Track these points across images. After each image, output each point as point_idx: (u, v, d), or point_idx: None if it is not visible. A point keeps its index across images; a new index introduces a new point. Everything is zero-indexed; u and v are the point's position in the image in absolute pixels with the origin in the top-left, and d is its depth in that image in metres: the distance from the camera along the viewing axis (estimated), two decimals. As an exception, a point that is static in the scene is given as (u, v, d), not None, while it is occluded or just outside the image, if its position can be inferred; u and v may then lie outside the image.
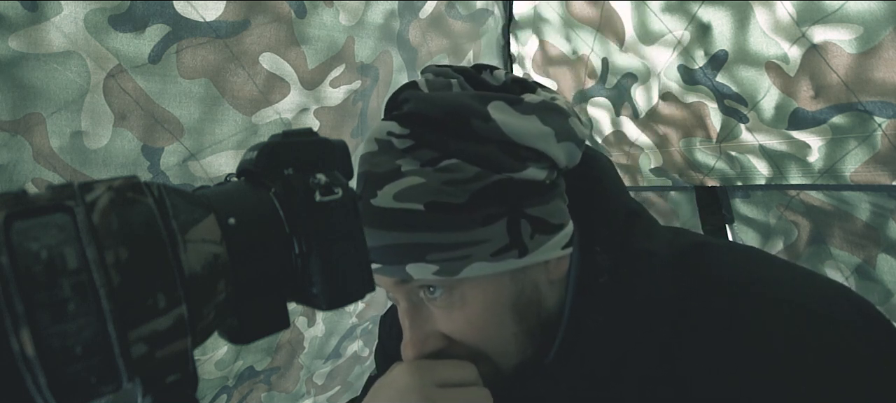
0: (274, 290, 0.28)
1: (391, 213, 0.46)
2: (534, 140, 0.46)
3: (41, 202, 0.20)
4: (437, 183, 0.45)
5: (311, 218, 0.28)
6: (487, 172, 0.45)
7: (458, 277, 0.46)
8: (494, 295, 0.48)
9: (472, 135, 0.46)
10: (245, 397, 1.11)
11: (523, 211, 0.46)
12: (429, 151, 0.46)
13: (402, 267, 0.46)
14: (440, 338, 0.50)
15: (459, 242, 0.45)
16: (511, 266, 0.46)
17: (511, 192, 0.46)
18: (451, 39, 1.15)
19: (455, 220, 0.45)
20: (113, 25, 0.74)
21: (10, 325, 0.18)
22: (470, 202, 0.45)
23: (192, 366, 0.23)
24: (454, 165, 0.45)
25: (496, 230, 0.45)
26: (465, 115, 0.46)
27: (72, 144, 0.75)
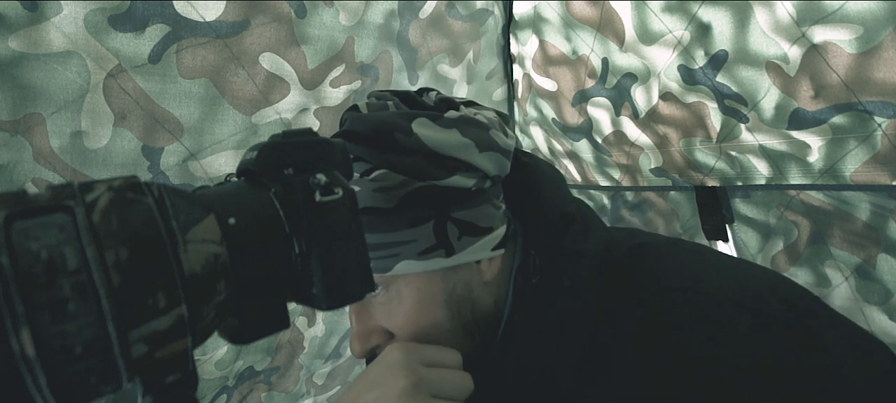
0: (274, 290, 0.28)
1: None
2: (455, 151, 0.52)
3: (41, 202, 0.20)
4: (369, 190, 0.50)
5: (311, 218, 0.28)
6: (411, 180, 0.50)
7: (390, 274, 0.51)
8: (426, 292, 0.53)
9: (396, 148, 0.51)
10: (245, 397, 1.11)
11: (450, 215, 0.51)
12: (362, 164, 0.51)
13: None
14: (382, 334, 0.55)
15: (389, 242, 0.50)
16: (439, 264, 0.51)
17: (436, 198, 0.51)
18: (451, 39, 1.15)
19: (384, 223, 0.50)
20: (113, 25, 0.74)
21: (10, 325, 0.18)
22: (398, 206, 0.50)
23: (192, 366, 0.23)
24: (382, 174, 0.50)
25: (423, 232, 0.50)
26: (390, 130, 0.51)
27: (72, 144, 0.75)
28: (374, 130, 0.52)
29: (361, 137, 0.52)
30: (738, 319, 0.44)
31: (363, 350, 0.55)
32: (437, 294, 0.53)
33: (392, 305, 0.53)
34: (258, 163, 0.30)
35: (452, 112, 0.55)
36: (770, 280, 0.49)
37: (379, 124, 0.52)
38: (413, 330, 0.53)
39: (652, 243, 0.57)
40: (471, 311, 0.55)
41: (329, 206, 0.29)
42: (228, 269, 0.25)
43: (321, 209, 0.29)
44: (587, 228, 0.57)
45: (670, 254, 0.54)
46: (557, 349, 0.51)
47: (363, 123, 0.52)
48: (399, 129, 0.51)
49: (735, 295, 0.46)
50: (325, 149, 0.32)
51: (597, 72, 1.09)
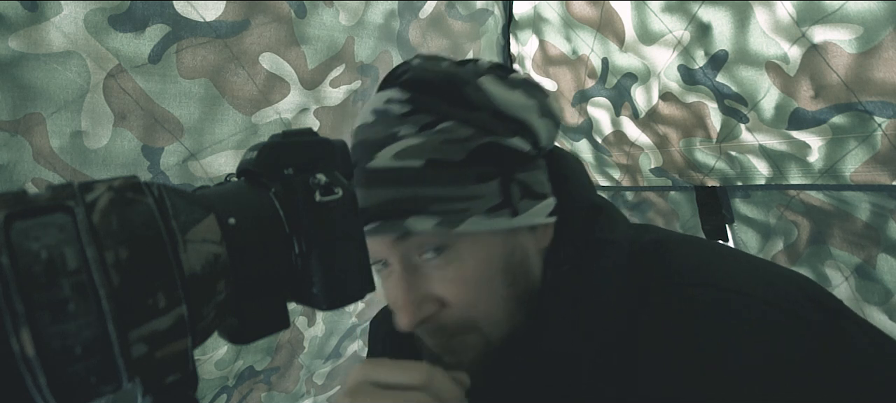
0: (274, 290, 0.28)
1: (390, 171, 0.48)
2: (519, 111, 0.51)
3: (41, 202, 0.20)
4: (436, 142, 0.48)
5: (311, 218, 0.28)
6: (481, 134, 0.49)
7: (457, 230, 0.47)
8: (487, 254, 0.50)
9: (465, 102, 0.50)
10: (245, 397, 1.11)
11: (513, 175, 0.50)
12: (425, 116, 0.49)
13: (402, 221, 0.47)
14: (434, 302, 0.51)
15: (458, 196, 0.48)
16: (504, 224, 0.49)
17: (502, 155, 0.49)
18: (451, 39, 1.15)
19: (453, 176, 0.48)
20: (113, 25, 0.74)
21: (10, 325, 0.18)
22: (467, 159, 0.48)
23: (192, 366, 0.23)
24: (450, 127, 0.49)
25: (490, 188, 0.48)
26: (459, 83, 0.50)
27: (72, 144, 0.75)
28: (445, 81, 0.50)
29: (431, 87, 0.50)
30: (771, 318, 0.43)
31: (414, 321, 0.50)
32: (498, 257, 0.51)
33: (449, 268, 0.50)
34: (258, 163, 0.30)
35: (516, 73, 0.54)
36: (796, 280, 0.48)
37: (449, 76, 0.50)
38: (471, 298, 0.50)
39: (671, 238, 0.56)
40: (525, 280, 0.53)
41: (329, 206, 0.29)
42: (228, 269, 0.25)
43: (321, 209, 0.29)
44: (613, 220, 0.56)
45: (693, 250, 0.53)
46: (587, 337, 0.49)
47: (432, 73, 0.51)
48: (468, 83, 0.50)
49: (765, 294, 0.45)
50: (325, 149, 0.32)
51: (597, 72, 1.09)
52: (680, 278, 0.49)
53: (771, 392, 0.40)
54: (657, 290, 0.49)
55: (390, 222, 0.48)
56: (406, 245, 0.49)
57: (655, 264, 0.51)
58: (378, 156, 0.49)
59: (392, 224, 0.48)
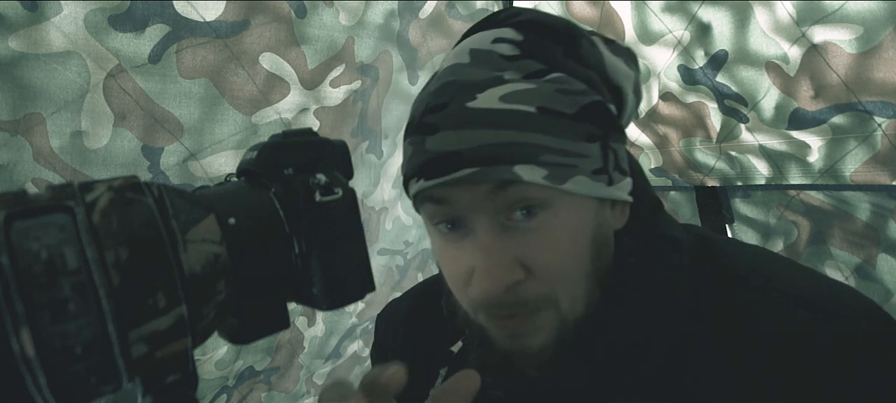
0: (274, 290, 0.28)
1: (498, 113, 0.43)
2: (621, 78, 0.48)
3: (41, 202, 0.20)
4: (549, 90, 0.44)
5: (311, 218, 0.28)
6: (591, 91, 0.46)
7: (563, 186, 0.43)
8: (582, 221, 0.46)
9: (578, 56, 0.47)
10: (245, 397, 1.11)
11: (609, 142, 0.46)
12: (535, 63, 0.45)
13: (510, 167, 0.42)
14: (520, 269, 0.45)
15: (569, 150, 0.43)
16: (602, 191, 0.46)
17: (605, 119, 0.46)
18: (451, 39, 1.15)
19: (566, 128, 0.44)
20: (113, 25, 0.74)
21: (10, 325, 0.18)
22: (578, 114, 0.44)
23: (192, 366, 0.23)
24: (563, 78, 0.45)
25: (594, 150, 0.45)
26: (576, 35, 0.47)
27: (72, 144, 0.75)
28: (564, 30, 0.47)
29: (550, 32, 0.47)
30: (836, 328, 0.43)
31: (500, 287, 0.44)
32: (589, 227, 0.46)
33: (542, 232, 0.45)
34: (258, 163, 0.30)
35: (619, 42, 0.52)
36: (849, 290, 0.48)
37: (568, 25, 0.48)
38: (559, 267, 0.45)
39: (716, 236, 0.55)
40: (606, 258, 0.49)
41: (329, 206, 0.29)
42: (228, 269, 0.25)
43: (321, 209, 0.29)
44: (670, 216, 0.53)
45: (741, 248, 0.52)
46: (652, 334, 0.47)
47: (552, 19, 0.48)
48: (584, 37, 0.47)
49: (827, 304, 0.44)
50: (325, 149, 0.32)
51: (597, 72, 1.10)
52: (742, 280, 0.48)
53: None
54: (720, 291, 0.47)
55: (493, 168, 0.42)
56: (501, 198, 0.44)
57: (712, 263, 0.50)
58: (480, 96, 0.43)
59: (496, 170, 0.42)
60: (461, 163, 0.43)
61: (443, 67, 0.49)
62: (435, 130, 0.44)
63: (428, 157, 0.44)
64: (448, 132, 0.43)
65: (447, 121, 0.44)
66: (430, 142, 0.44)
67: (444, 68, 0.48)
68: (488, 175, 0.42)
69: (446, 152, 0.43)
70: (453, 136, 0.43)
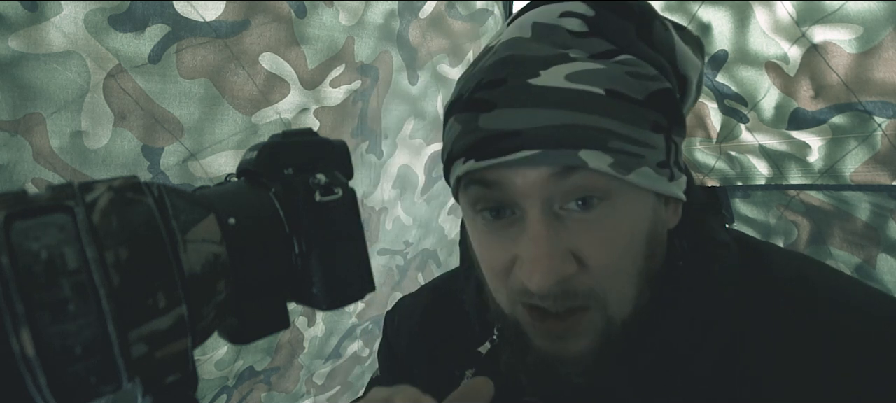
0: (274, 290, 0.28)
1: (564, 92, 0.39)
2: (689, 67, 0.45)
3: (41, 202, 0.20)
4: (619, 72, 0.40)
5: (311, 218, 0.28)
6: (661, 77, 0.42)
7: (628, 177, 0.40)
8: (640, 216, 0.43)
9: (650, 39, 0.43)
10: (245, 397, 1.11)
11: (672, 135, 0.43)
12: (604, 42, 0.42)
13: (575, 152, 0.39)
14: (573, 261, 0.42)
15: (637, 138, 0.40)
16: (663, 186, 0.42)
17: (671, 108, 0.42)
18: (451, 39, 1.15)
19: (634, 114, 0.40)
20: (113, 25, 0.74)
21: (10, 325, 0.18)
22: (646, 101, 0.41)
23: (192, 366, 0.23)
24: (633, 61, 0.42)
25: (660, 141, 0.41)
26: (652, 15, 0.43)
27: (72, 144, 0.75)
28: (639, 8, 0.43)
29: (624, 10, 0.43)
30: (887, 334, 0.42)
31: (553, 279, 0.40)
32: (646, 223, 0.43)
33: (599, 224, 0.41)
34: (258, 163, 0.30)
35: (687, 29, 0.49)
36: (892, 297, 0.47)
37: (643, 5, 0.44)
38: (612, 263, 0.42)
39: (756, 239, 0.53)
40: (660, 257, 0.45)
41: (329, 206, 0.29)
42: (228, 269, 0.25)
43: (321, 209, 0.29)
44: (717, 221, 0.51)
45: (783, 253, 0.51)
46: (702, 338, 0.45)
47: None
48: (657, 19, 0.44)
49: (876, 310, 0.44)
50: (325, 149, 0.32)
51: (597, 72, 1.09)
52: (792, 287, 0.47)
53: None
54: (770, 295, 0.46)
55: (558, 152, 0.39)
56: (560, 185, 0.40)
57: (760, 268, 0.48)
58: (544, 73, 0.40)
59: (560, 153, 0.39)
60: (521, 144, 0.39)
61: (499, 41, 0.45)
62: (491, 107, 0.40)
63: (481, 136, 0.40)
64: (506, 109, 0.40)
65: (506, 98, 0.40)
66: (484, 119, 0.40)
67: (501, 42, 0.44)
68: (551, 158, 0.39)
69: (504, 131, 0.39)
70: (512, 114, 0.39)
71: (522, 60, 0.41)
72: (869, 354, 0.42)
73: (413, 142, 1.19)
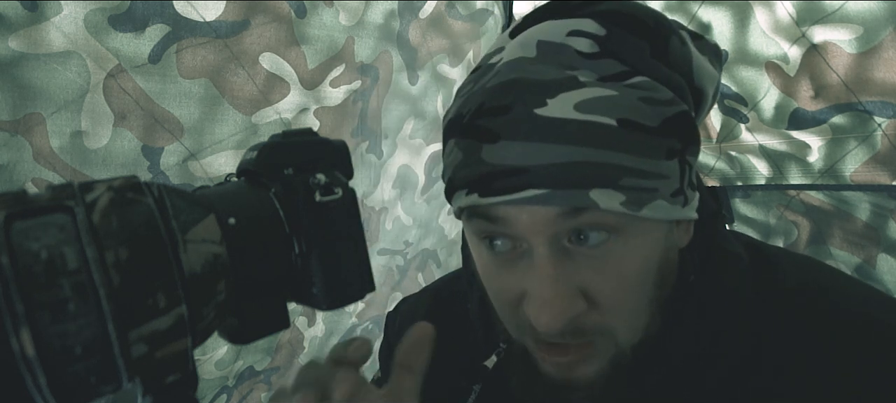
0: (274, 290, 0.28)
1: (573, 125, 0.36)
2: (705, 81, 0.42)
3: (41, 202, 0.20)
4: (632, 99, 0.37)
5: (311, 218, 0.28)
6: (678, 100, 0.39)
7: (640, 213, 0.37)
8: (651, 248, 0.40)
9: (666, 56, 0.40)
10: (245, 397, 1.11)
11: (686, 157, 0.40)
12: (616, 64, 0.39)
13: (585, 191, 0.37)
14: (582, 300, 0.40)
15: (650, 171, 0.37)
16: (676, 214, 0.39)
17: (686, 130, 0.39)
18: (451, 39, 1.15)
19: (647, 145, 0.37)
20: (113, 25, 0.74)
21: (10, 325, 0.18)
22: (661, 128, 0.38)
23: (192, 366, 0.23)
24: (648, 83, 0.38)
25: (674, 168, 0.39)
26: (668, 31, 0.40)
27: (72, 144, 0.75)
28: (654, 25, 0.40)
29: (639, 27, 0.39)
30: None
31: (564, 320, 0.38)
32: (658, 252, 0.41)
33: (609, 261, 0.39)
34: (258, 163, 0.30)
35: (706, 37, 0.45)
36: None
37: (660, 19, 0.40)
38: (623, 298, 0.40)
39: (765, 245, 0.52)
40: (670, 282, 0.43)
41: (329, 206, 0.29)
42: (228, 269, 0.25)
43: (321, 209, 0.29)
44: (725, 227, 0.49)
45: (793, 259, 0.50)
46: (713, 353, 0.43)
47: (642, 10, 0.40)
48: (674, 34, 0.40)
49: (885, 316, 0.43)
50: (325, 149, 0.32)
51: (597, 72, 1.09)
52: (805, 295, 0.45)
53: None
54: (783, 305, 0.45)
55: (567, 192, 0.37)
56: (569, 223, 0.38)
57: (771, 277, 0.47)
58: (551, 102, 0.37)
59: (569, 194, 0.37)
60: (527, 183, 0.37)
61: (502, 60, 0.41)
62: (495, 138, 0.38)
63: (485, 170, 0.38)
64: (512, 143, 0.37)
65: (511, 130, 0.37)
66: (488, 151, 0.38)
67: (504, 61, 0.41)
68: (560, 199, 0.37)
69: (510, 167, 0.37)
70: (519, 149, 0.37)
71: (528, 86, 0.38)
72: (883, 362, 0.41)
73: (413, 142, 1.19)
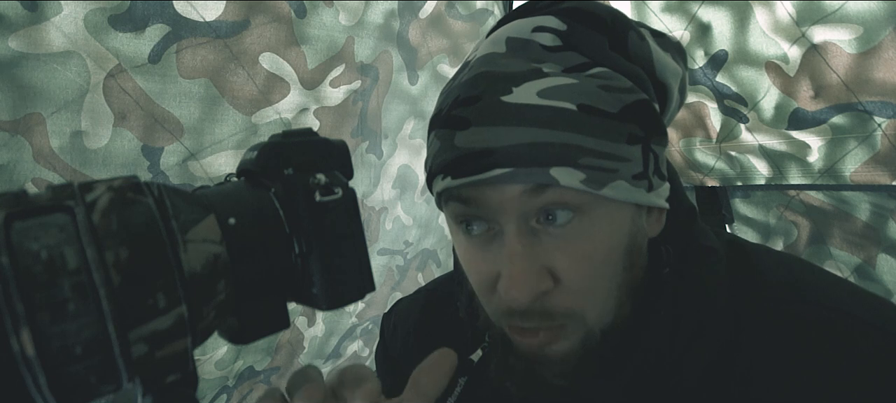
0: (274, 290, 0.28)
1: (535, 109, 0.40)
2: (668, 75, 0.45)
3: (41, 202, 0.20)
4: (592, 86, 0.41)
5: (311, 218, 0.28)
6: (637, 89, 0.42)
7: (601, 192, 0.40)
8: (618, 230, 0.43)
9: (625, 49, 0.43)
10: (245, 397, 1.11)
11: (650, 145, 0.43)
12: (577, 56, 0.42)
13: (546, 169, 0.40)
14: (548, 277, 0.42)
15: (610, 153, 0.40)
16: (642, 197, 0.42)
17: (648, 118, 0.42)
18: (451, 39, 1.15)
19: (607, 128, 0.40)
20: (113, 25, 0.74)
21: (10, 325, 0.18)
22: (621, 114, 0.41)
23: (192, 366, 0.23)
24: (607, 73, 0.42)
25: (635, 153, 0.42)
26: (626, 26, 0.44)
27: (72, 144, 0.75)
28: (612, 20, 0.43)
29: (596, 22, 0.43)
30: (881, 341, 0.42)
31: (531, 294, 0.41)
32: (624, 236, 0.43)
33: (576, 240, 0.42)
34: (258, 163, 0.30)
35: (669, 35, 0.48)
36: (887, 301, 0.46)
37: (617, 15, 0.44)
38: (590, 277, 0.43)
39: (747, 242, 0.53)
40: (640, 268, 0.46)
41: (329, 206, 0.29)
42: (228, 269, 0.25)
43: (321, 209, 0.29)
44: (704, 224, 0.51)
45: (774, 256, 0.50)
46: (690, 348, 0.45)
47: (599, 7, 0.44)
48: (632, 29, 0.44)
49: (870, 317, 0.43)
50: (325, 149, 0.32)
51: (597, 72, 1.09)
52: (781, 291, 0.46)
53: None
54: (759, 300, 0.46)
55: (529, 169, 0.40)
56: (534, 201, 0.41)
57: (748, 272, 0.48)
58: (516, 90, 0.40)
59: (531, 171, 0.40)
60: (494, 163, 0.40)
61: (476, 56, 0.45)
62: (466, 125, 0.41)
63: (457, 154, 0.41)
64: (480, 128, 0.41)
65: (480, 116, 0.41)
66: (459, 137, 0.41)
67: (477, 57, 0.45)
68: (523, 177, 0.40)
69: (478, 150, 0.40)
70: (486, 133, 0.40)
71: (496, 77, 0.42)
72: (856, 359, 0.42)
73: (413, 142, 1.20)
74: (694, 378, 0.45)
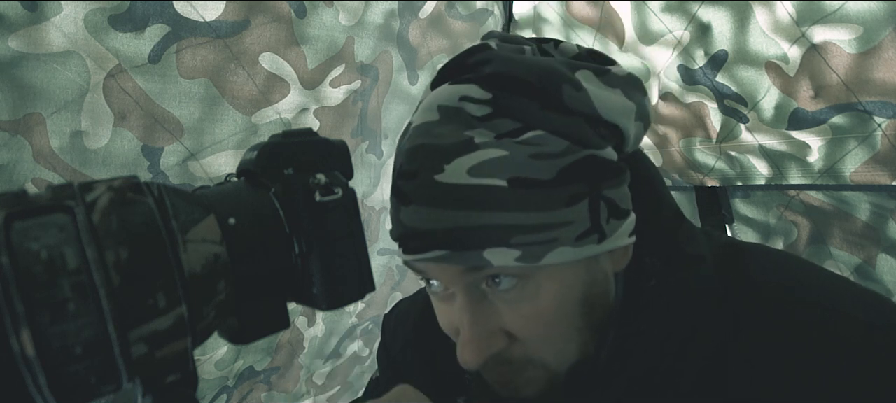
0: (274, 290, 0.28)
1: (465, 190, 0.40)
2: (617, 115, 0.43)
3: (41, 202, 0.20)
4: (523, 156, 0.40)
5: (311, 218, 0.28)
6: (576, 147, 0.41)
7: (540, 263, 0.40)
8: (569, 285, 0.43)
9: (560, 106, 0.41)
10: (245, 397, 1.11)
11: (601, 193, 0.42)
12: (509, 122, 0.41)
13: (479, 252, 0.40)
14: (502, 336, 0.44)
15: (546, 224, 0.40)
16: (591, 251, 0.42)
17: (593, 171, 0.42)
18: (450, 39, 1.15)
19: (542, 199, 0.40)
20: (113, 25, 0.74)
21: (10, 325, 0.18)
22: (557, 178, 0.40)
23: (192, 366, 0.23)
24: (540, 137, 0.41)
25: (579, 212, 0.41)
26: (558, 82, 0.42)
27: (72, 144, 0.75)
28: (540, 81, 0.41)
29: (522, 86, 0.41)
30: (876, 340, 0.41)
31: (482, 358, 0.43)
32: (578, 287, 0.44)
33: (524, 303, 0.43)
34: (258, 163, 0.30)
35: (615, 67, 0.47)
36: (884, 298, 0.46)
37: (546, 73, 0.42)
38: (545, 333, 0.44)
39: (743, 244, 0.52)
40: (602, 308, 0.46)
41: (329, 206, 0.29)
42: (228, 269, 0.25)
43: (321, 209, 0.29)
44: (693, 229, 0.50)
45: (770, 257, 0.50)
46: (679, 357, 0.45)
47: (524, 68, 0.42)
48: (568, 82, 0.42)
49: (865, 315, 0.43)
50: (325, 149, 0.32)
51: (597, 72, 1.09)
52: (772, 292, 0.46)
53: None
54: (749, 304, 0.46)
55: (464, 253, 0.41)
56: (477, 274, 0.43)
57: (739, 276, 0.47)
58: (448, 168, 0.40)
59: (465, 255, 0.41)
60: (431, 244, 0.41)
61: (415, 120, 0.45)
62: (409, 201, 0.42)
63: (402, 231, 0.43)
64: (419, 207, 0.41)
65: (417, 195, 0.41)
66: (404, 213, 0.42)
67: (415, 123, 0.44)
68: (456, 259, 0.41)
69: (418, 230, 0.42)
70: (423, 213, 0.41)
71: (430, 151, 0.41)
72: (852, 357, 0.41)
73: (413, 142, 1.19)
74: (688, 383, 0.45)
